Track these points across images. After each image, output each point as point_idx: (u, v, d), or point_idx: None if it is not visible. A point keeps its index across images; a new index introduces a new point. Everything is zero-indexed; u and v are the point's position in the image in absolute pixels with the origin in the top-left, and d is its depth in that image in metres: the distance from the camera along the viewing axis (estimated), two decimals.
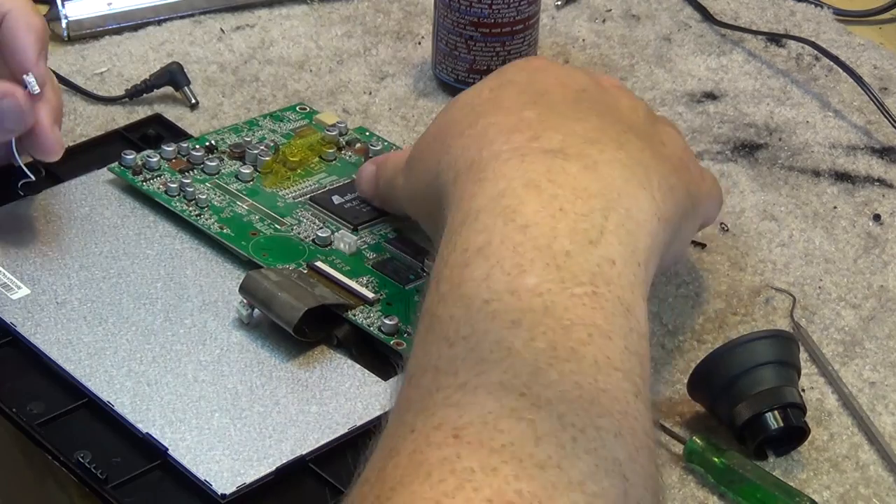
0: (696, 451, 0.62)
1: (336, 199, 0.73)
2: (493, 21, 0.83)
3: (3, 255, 0.69)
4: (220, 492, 0.57)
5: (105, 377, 0.62)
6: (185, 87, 0.84)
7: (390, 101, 0.86)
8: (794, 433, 0.62)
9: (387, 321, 0.65)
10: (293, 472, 0.59)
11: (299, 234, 0.70)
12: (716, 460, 0.61)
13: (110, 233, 0.71)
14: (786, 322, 0.70)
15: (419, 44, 0.91)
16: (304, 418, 0.61)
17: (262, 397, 0.62)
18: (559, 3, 0.95)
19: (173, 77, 0.84)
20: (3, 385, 0.62)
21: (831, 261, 0.74)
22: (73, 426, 0.61)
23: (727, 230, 0.76)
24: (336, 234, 0.70)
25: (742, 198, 0.79)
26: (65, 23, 0.89)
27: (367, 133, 0.80)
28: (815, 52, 0.90)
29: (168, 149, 0.75)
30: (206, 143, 0.76)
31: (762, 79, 0.89)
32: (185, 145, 0.76)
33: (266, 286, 0.64)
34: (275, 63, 0.88)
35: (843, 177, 0.81)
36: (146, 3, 0.91)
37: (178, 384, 0.62)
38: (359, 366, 0.64)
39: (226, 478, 0.58)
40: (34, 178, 0.71)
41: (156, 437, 0.59)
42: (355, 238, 0.70)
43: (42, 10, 0.89)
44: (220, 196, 0.73)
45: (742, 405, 0.62)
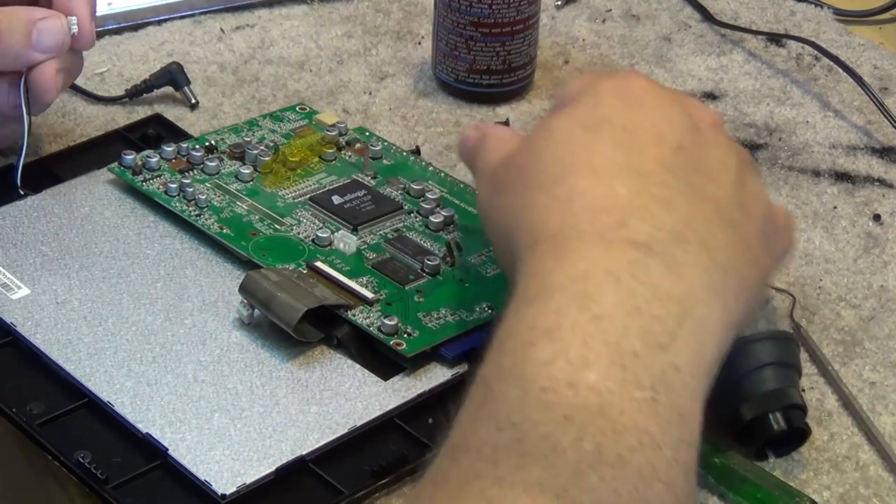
0: None
1: (336, 199, 0.73)
2: (493, 21, 0.83)
3: (3, 255, 0.69)
4: (220, 492, 0.57)
5: (105, 377, 0.62)
6: (185, 87, 0.84)
7: (390, 101, 0.86)
8: (795, 434, 0.62)
9: (386, 321, 0.65)
10: (293, 472, 0.59)
11: (299, 234, 0.70)
12: (716, 460, 0.61)
13: (110, 233, 0.71)
14: (786, 322, 0.70)
15: (419, 44, 0.91)
16: (304, 418, 0.61)
17: (262, 397, 0.62)
18: (559, 3, 0.95)
19: (173, 77, 0.84)
20: (3, 385, 0.62)
21: (831, 261, 0.74)
22: (73, 426, 0.61)
23: None
24: (336, 234, 0.70)
25: None
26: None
27: (367, 133, 0.79)
28: (815, 52, 0.90)
29: (168, 149, 0.75)
30: (206, 143, 0.76)
31: (762, 79, 0.89)
32: (184, 146, 0.76)
33: (266, 286, 0.64)
34: (275, 63, 0.88)
35: (843, 177, 0.81)
36: (146, 3, 0.91)
37: (178, 384, 0.62)
38: (359, 366, 0.64)
39: (226, 478, 0.58)
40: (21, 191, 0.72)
41: (156, 437, 0.59)
42: (355, 238, 0.70)
43: None
44: (219, 196, 0.73)
45: (744, 407, 0.62)
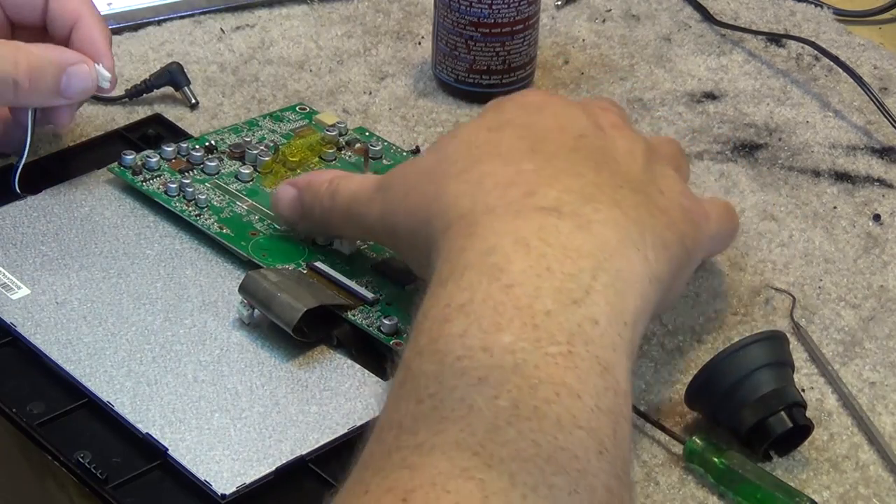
0: (695, 451, 0.62)
1: None
2: (493, 21, 0.83)
3: (3, 255, 0.69)
4: (219, 492, 0.57)
5: (105, 377, 0.62)
6: (185, 87, 0.84)
7: (390, 101, 0.86)
8: (799, 431, 0.62)
9: (386, 321, 0.65)
10: (293, 472, 0.59)
11: (299, 234, 0.70)
12: (715, 460, 0.61)
13: (110, 233, 0.71)
14: (786, 322, 0.70)
15: (419, 44, 0.91)
16: (304, 418, 0.61)
17: (262, 397, 0.62)
18: (559, 3, 0.95)
19: (173, 77, 0.84)
20: (3, 385, 0.62)
21: (831, 261, 0.75)
22: (72, 426, 0.61)
23: None
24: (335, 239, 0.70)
25: (742, 198, 0.79)
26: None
27: (367, 133, 0.79)
28: (815, 52, 0.90)
29: (168, 149, 0.75)
30: (206, 143, 0.76)
31: (762, 79, 0.89)
32: (184, 146, 0.76)
33: (265, 286, 0.64)
34: (275, 63, 0.88)
35: (843, 177, 0.81)
36: (146, 3, 0.91)
37: (178, 384, 0.62)
38: (359, 366, 0.64)
39: (226, 478, 0.58)
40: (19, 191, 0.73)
41: (156, 437, 0.59)
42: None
43: None
44: (219, 196, 0.73)
45: (745, 411, 0.62)
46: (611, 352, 0.52)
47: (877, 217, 0.78)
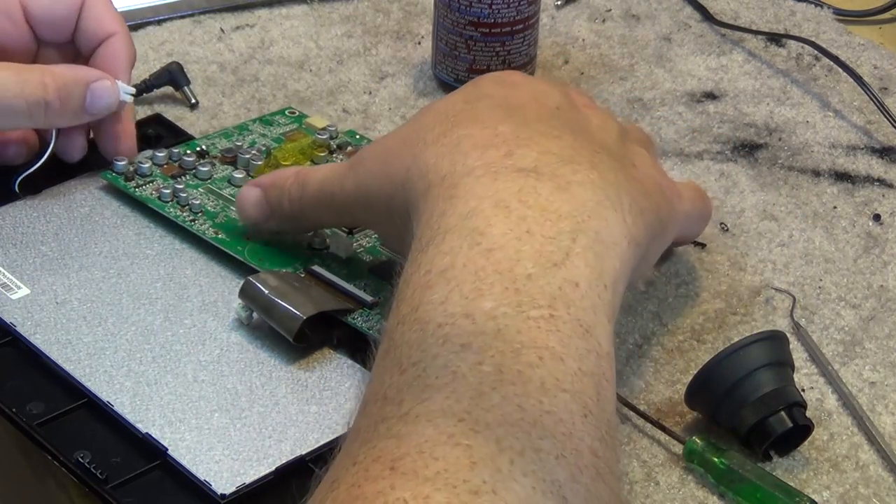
0: (695, 451, 0.62)
1: None
2: (493, 21, 0.83)
3: (3, 255, 0.69)
4: (219, 492, 0.57)
5: (105, 377, 0.62)
6: (185, 87, 0.84)
7: (390, 100, 0.86)
8: (799, 431, 0.62)
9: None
10: (293, 473, 0.59)
11: (294, 238, 0.70)
12: (715, 460, 0.61)
13: (110, 233, 0.71)
14: (786, 322, 0.70)
15: (419, 44, 0.91)
16: (304, 418, 0.61)
17: (261, 397, 0.62)
18: (559, 3, 0.95)
19: (173, 77, 0.84)
20: (3, 385, 0.62)
21: (831, 261, 0.75)
22: (72, 426, 0.61)
23: (727, 230, 0.76)
24: (330, 237, 0.70)
25: (742, 198, 0.79)
26: None
27: (358, 136, 0.79)
28: (815, 52, 0.90)
29: (160, 154, 0.75)
30: (198, 148, 0.76)
31: (762, 79, 0.89)
32: (176, 151, 0.76)
33: (265, 293, 0.64)
34: (275, 63, 0.88)
35: (843, 177, 0.81)
36: (146, 3, 0.91)
37: (178, 384, 0.62)
38: (359, 366, 0.64)
39: (225, 478, 0.58)
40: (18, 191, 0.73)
41: (155, 437, 0.59)
42: (350, 242, 0.70)
43: None
44: (213, 201, 0.72)
45: (746, 411, 0.62)
46: (591, 314, 0.52)
47: (877, 217, 0.78)
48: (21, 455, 0.62)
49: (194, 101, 0.84)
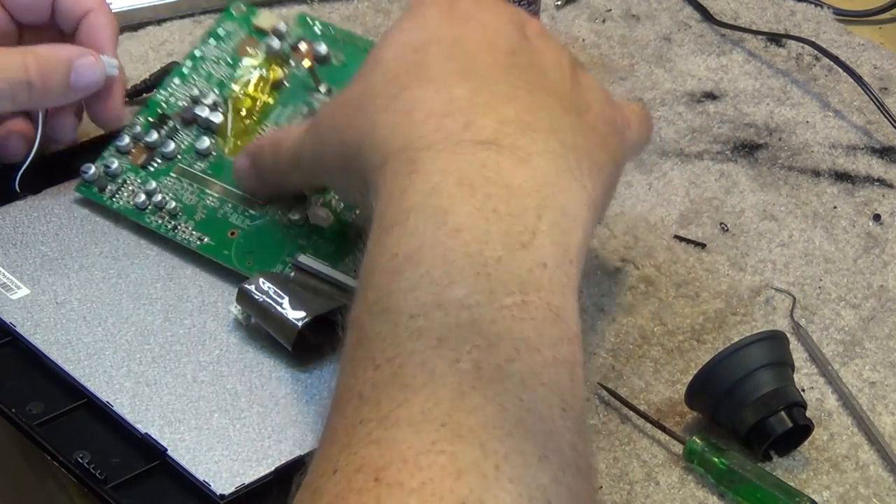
0: (695, 451, 0.62)
1: None
2: None
3: (3, 255, 0.69)
4: (218, 492, 0.57)
5: (104, 377, 0.62)
6: None
7: None
8: (799, 431, 0.62)
9: None
10: (292, 473, 0.59)
11: (275, 216, 0.69)
12: (716, 460, 0.61)
13: (110, 233, 0.71)
14: (786, 322, 0.70)
15: None
16: (304, 419, 0.61)
17: (261, 398, 0.62)
18: (559, 3, 0.95)
19: None
20: (3, 385, 0.62)
21: (831, 261, 0.74)
22: (72, 426, 0.61)
23: (727, 230, 0.76)
24: (309, 211, 0.69)
25: (742, 198, 0.79)
26: None
27: (309, 21, 0.77)
28: (815, 52, 0.90)
29: (123, 142, 0.74)
30: (157, 110, 0.75)
31: (762, 79, 0.89)
32: (137, 129, 0.74)
33: (260, 301, 0.64)
34: None
35: (843, 177, 0.81)
36: (146, 3, 0.91)
37: (178, 384, 0.62)
38: None
39: (224, 478, 0.58)
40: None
41: (155, 437, 0.59)
42: (327, 212, 0.68)
43: None
44: (188, 187, 0.71)
45: (745, 412, 0.62)
46: (560, 296, 0.51)
47: (877, 217, 0.78)
48: (21, 455, 0.62)
49: None
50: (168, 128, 0.74)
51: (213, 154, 0.73)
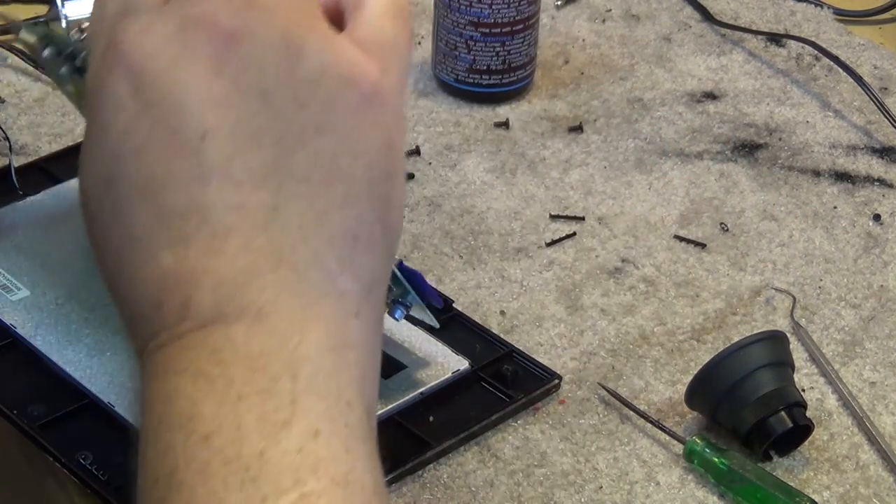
0: (696, 451, 0.62)
1: None
2: (493, 21, 0.83)
3: (2, 256, 0.69)
4: None
5: (106, 378, 0.62)
6: None
7: None
8: (799, 431, 0.62)
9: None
10: None
11: None
12: (716, 460, 0.61)
13: None
14: (786, 322, 0.70)
15: (419, 44, 0.91)
16: None
17: None
18: (559, 3, 0.95)
19: None
20: (4, 387, 0.62)
21: (831, 261, 0.75)
22: (73, 428, 0.61)
23: (727, 230, 0.76)
24: None
25: (742, 198, 0.79)
26: (65, 23, 0.89)
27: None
28: (815, 52, 0.90)
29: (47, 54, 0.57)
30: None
31: (762, 79, 0.89)
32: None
33: None
34: None
35: (843, 177, 0.81)
36: None
37: None
38: None
39: None
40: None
41: None
42: None
43: (41, 10, 0.89)
44: None
45: (745, 411, 0.62)
46: (344, 457, 0.44)
47: (877, 217, 0.78)
48: (22, 457, 0.62)
49: None
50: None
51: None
